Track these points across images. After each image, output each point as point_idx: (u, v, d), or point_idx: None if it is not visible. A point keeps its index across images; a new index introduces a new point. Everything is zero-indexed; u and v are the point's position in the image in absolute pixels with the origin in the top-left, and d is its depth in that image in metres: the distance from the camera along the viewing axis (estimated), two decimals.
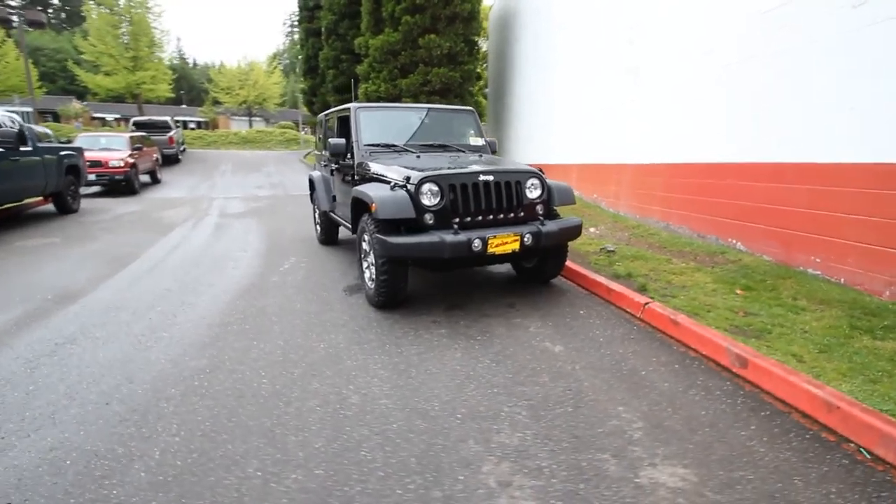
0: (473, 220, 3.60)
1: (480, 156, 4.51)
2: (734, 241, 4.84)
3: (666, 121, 5.90)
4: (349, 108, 4.71)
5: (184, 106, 53.79)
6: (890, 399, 2.18)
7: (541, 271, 4.24)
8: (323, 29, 17.67)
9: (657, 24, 6.12)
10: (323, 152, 5.89)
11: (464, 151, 4.75)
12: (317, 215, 6.41)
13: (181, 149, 20.84)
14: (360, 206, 3.89)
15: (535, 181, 3.85)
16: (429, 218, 3.44)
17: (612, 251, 5.06)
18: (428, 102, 13.77)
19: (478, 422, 2.21)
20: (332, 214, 5.77)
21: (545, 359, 2.85)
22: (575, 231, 3.88)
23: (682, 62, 5.56)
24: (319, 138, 6.62)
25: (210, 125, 45.59)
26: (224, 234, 6.97)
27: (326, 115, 5.91)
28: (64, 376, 2.68)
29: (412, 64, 13.71)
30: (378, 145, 4.54)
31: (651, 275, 4.24)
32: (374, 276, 3.67)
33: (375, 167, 4.01)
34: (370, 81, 14.04)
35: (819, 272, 3.87)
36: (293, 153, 28.80)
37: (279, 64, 55.20)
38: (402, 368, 2.74)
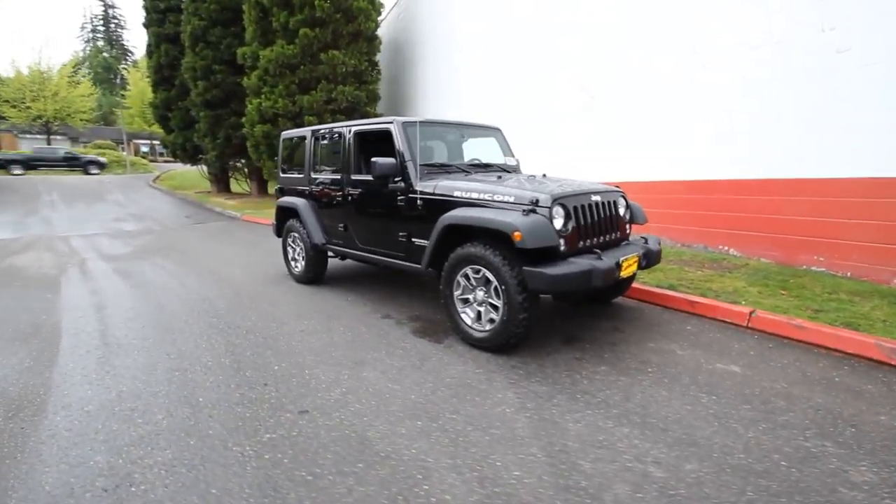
0: (591, 244, 3.36)
1: (533, 176, 4.27)
2: (725, 248, 5.49)
3: (637, 144, 6.46)
4: (388, 124, 4.02)
5: None
6: None
7: (612, 292, 4.16)
8: (186, 35, 15.21)
9: (627, 56, 6.71)
10: (312, 176, 4.93)
11: (508, 171, 4.46)
12: (296, 251, 5.33)
13: None
14: (463, 235, 3.33)
15: (623, 200, 3.79)
16: (562, 244, 3.08)
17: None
18: (333, 121, 12.87)
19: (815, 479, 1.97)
20: (331, 247, 4.84)
21: (746, 382, 2.72)
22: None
23: (671, 89, 6.18)
24: (285, 161, 5.56)
25: None
26: (147, 282, 5.32)
27: (316, 133, 4.98)
28: None
29: (313, 80, 12.67)
30: (430, 165, 3.97)
31: (686, 284, 4.51)
32: (492, 317, 3.15)
33: (467, 189, 3.43)
34: (263, 96, 12.52)
35: (824, 269, 4.61)
36: (135, 177, 24.12)
37: (88, 73, 45.94)
38: (662, 427, 2.34)
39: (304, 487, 1.89)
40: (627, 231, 3.81)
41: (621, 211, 3.71)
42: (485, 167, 4.37)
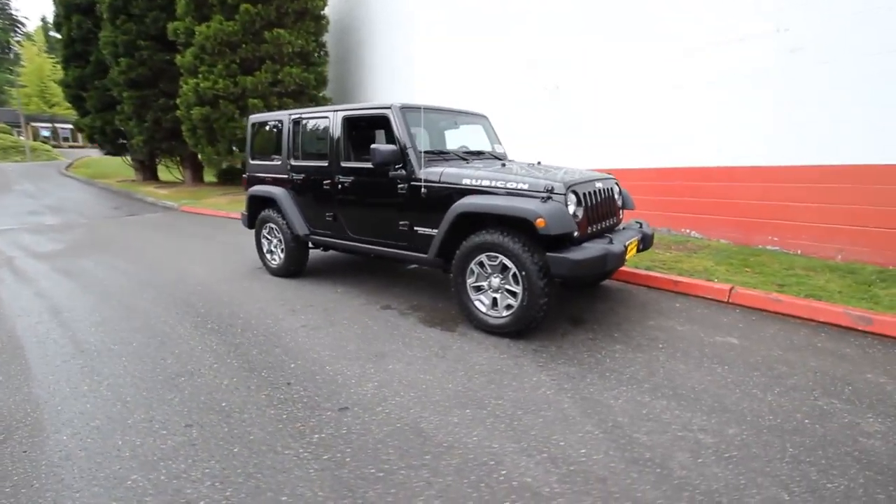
0: (597, 229, 3.49)
1: (531, 164, 4.31)
2: (688, 231, 5.92)
3: (605, 135, 6.74)
4: (385, 109, 3.87)
5: None
6: None
7: (603, 274, 4.35)
8: (104, 6, 13.59)
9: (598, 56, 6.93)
10: (289, 162, 4.64)
11: (500, 159, 4.49)
12: (272, 243, 5.03)
13: None
14: (475, 223, 3.34)
15: (617, 186, 3.96)
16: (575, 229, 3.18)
17: None
18: (280, 105, 12.19)
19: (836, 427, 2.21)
20: (316, 238, 4.63)
21: (747, 351, 2.98)
22: None
23: (636, 80, 6.47)
24: (253, 146, 5.21)
25: None
26: (98, 281, 4.80)
27: (295, 117, 4.67)
28: None
29: (256, 60, 11.91)
30: (428, 152, 3.89)
31: (660, 265, 4.84)
32: (510, 303, 3.19)
33: (477, 177, 3.40)
34: (200, 76, 11.56)
35: (778, 248, 5.12)
36: (41, 165, 21.42)
37: None
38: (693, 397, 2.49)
39: (380, 484, 1.83)
40: (621, 216, 4.01)
41: (616, 197, 3.89)
42: (478, 154, 4.38)
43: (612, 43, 6.40)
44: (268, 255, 5.16)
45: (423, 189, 3.63)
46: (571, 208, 3.16)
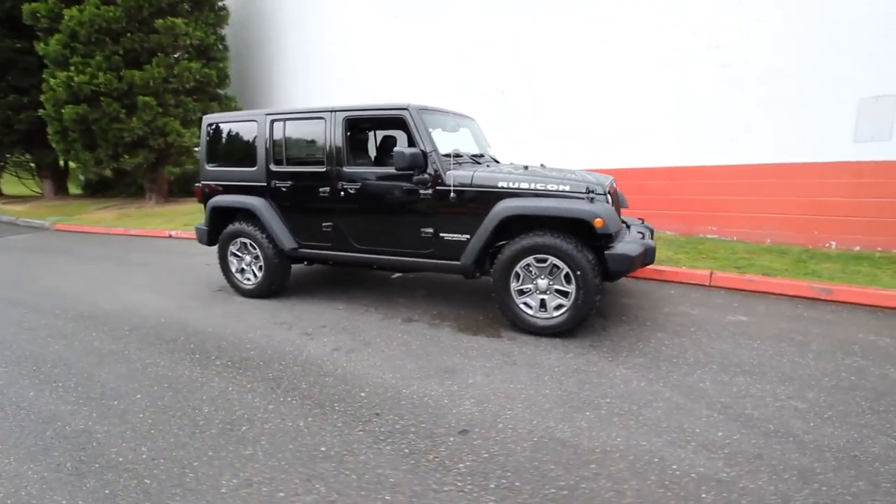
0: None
1: (542, 166, 4.37)
2: None
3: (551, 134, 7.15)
4: (400, 110, 3.63)
5: None
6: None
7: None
8: None
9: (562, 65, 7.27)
10: (272, 169, 4.10)
11: (496, 161, 4.50)
12: (244, 261, 4.41)
13: None
14: (505, 228, 3.33)
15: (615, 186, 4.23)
16: None
17: None
18: (176, 104, 10.73)
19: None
20: (307, 252, 4.19)
21: (760, 326, 3.38)
22: None
23: (582, 85, 6.92)
24: (212, 151, 4.53)
25: None
26: (18, 324, 3.80)
27: (275, 118, 4.13)
28: None
29: (145, 52, 10.35)
30: (445, 156, 3.75)
31: None
32: (560, 303, 3.22)
33: (513, 179, 3.37)
34: (73, 69, 9.67)
35: (716, 236, 5.92)
36: None
37: None
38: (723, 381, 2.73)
39: (575, 502, 1.74)
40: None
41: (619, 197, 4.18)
42: (479, 157, 4.35)
43: (562, 51, 6.84)
44: (238, 275, 4.52)
45: (452, 193, 3.50)
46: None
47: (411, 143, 3.66)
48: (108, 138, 10.14)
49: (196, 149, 15.74)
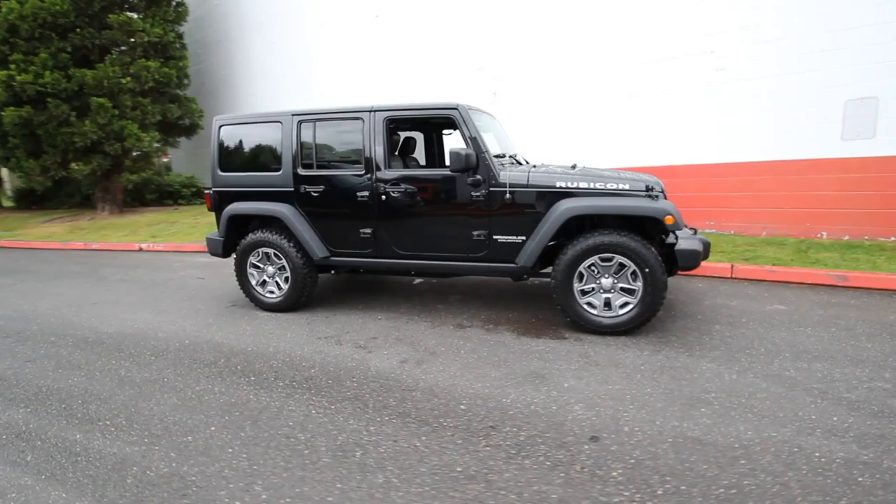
0: None
1: (574, 165, 4.38)
2: None
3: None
4: (449, 109, 3.49)
5: None
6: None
7: None
8: None
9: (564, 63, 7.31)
10: (301, 173, 3.83)
11: (524, 161, 4.47)
12: (267, 273, 4.09)
13: None
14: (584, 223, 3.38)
15: None
16: None
17: None
18: (133, 105, 9.88)
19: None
20: (340, 260, 3.95)
21: (801, 314, 3.55)
22: None
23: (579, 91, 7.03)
24: (225, 155, 4.17)
25: None
26: (35, 353, 3.32)
27: (303, 118, 3.85)
28: None
29: (97, 49, 9.46)
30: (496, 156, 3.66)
31: None
32: (625, 301, 3.22)
33: (570, 179, 3.36)
34: (13, 66, 8.66)
35: (714, 230, 6.22)
36: None
37: None
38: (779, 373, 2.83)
39: (749, 500, 1.72)
40: None
41: None
42: (513, 156, 4.30)
43: (554, 56, 6.94)
44: (259, 288, 4.20)
45: (507, 194, 3.43)
46: None
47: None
48: (57, 144, 9.16)
49: (165, 158, 14.67)
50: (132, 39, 9.53)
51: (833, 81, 5.21)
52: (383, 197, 3.73)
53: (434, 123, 4.66)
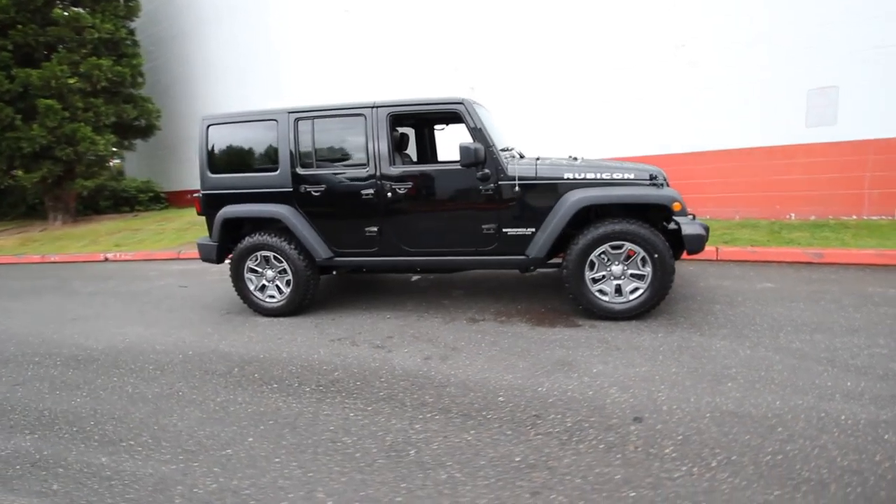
0: None
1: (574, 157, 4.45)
2: None
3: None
4: (455, 104, 3.48)
5: None
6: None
7: None
8: None
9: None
10: (300, 173, 3.71)
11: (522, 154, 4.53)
12: (266, 277, 3.96)
13: None
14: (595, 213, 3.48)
15: None
16: None
17: None
18: (85, 107, 9.25)
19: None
20: (344, 260, 3.87)
21: (789, 291, 3.79)
22: None
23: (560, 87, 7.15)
24: (214, 155, 3.99)
25: None
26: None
27: (300, 115, 3.73)
28: None
29: (41, 47, 8.78)
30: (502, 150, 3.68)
31: None
32: (635, 287, 3.35)
33: (578, 170, 3.45)
34: None
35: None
36: None
37: None
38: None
39: (797, 463, 1.83)
40: None
41: None
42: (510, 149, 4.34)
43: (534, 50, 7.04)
44: (258, 294, 4.05)
45: (516, 187, 3.46)
46: None
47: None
48: (1, 150, 8.44)
49: (117, 160, 13.73)
50: (81, 36, 8.88)
51: (796, 72, 5.57)
52: (389, 194, 3.68)
53: (428, 119, 4.65)
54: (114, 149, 9.68)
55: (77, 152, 9.04)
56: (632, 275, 3.39)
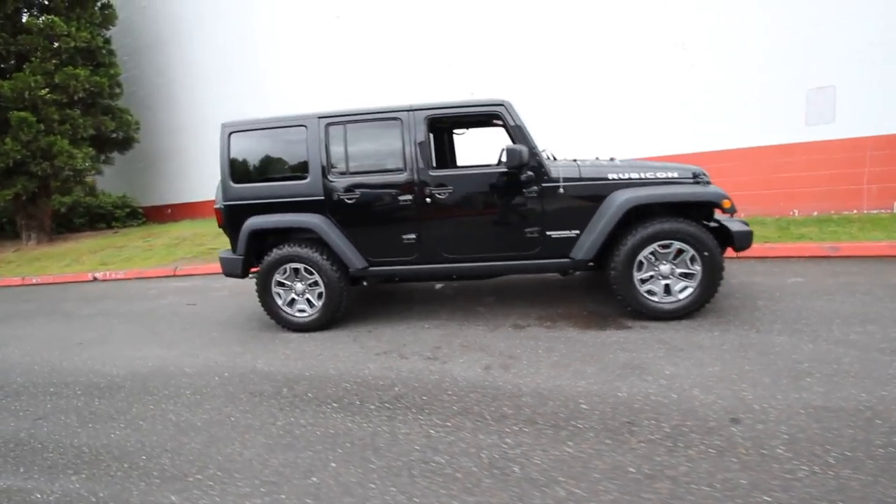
0: None
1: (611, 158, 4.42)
2: None
3: None
4: (496, 106, 3.41)
5: None
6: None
7: None
8: None
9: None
10: (332, 181, 3.56)
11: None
12: (295, 290, 3.77)
13: None
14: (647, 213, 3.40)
15: None
16: None
17: None
18: (61, 119, 8.76)
19: None
20: (381, 269, 3.72)
21: (820, 285, 3.86)
22: None
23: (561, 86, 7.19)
24: (237, 165, 3.79)
25: None
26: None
27: (332, 120, 3.58)
28: None
29: (14, 56, 8.27)
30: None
31: None
32: (684, 285, 3.33)
33: (622, 170, 3.44)
34: None
35: None
36: None
37: None
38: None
39: None
40: None
41: None
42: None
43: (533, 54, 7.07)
44: (287, 308, 3.85)
45: (560, 189, 3.41)
46: None
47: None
48: None
49: (95, 174, 12.97)
50: (55, 45, 8.41)
51: (796, 72, 5.78)
52: (428, 199, 3.57)
53: (463, 122, 4.52)
54: (90, 162, 9.16)
55: (54, 166, 8.52)
56: (680, 274, 3.39)
